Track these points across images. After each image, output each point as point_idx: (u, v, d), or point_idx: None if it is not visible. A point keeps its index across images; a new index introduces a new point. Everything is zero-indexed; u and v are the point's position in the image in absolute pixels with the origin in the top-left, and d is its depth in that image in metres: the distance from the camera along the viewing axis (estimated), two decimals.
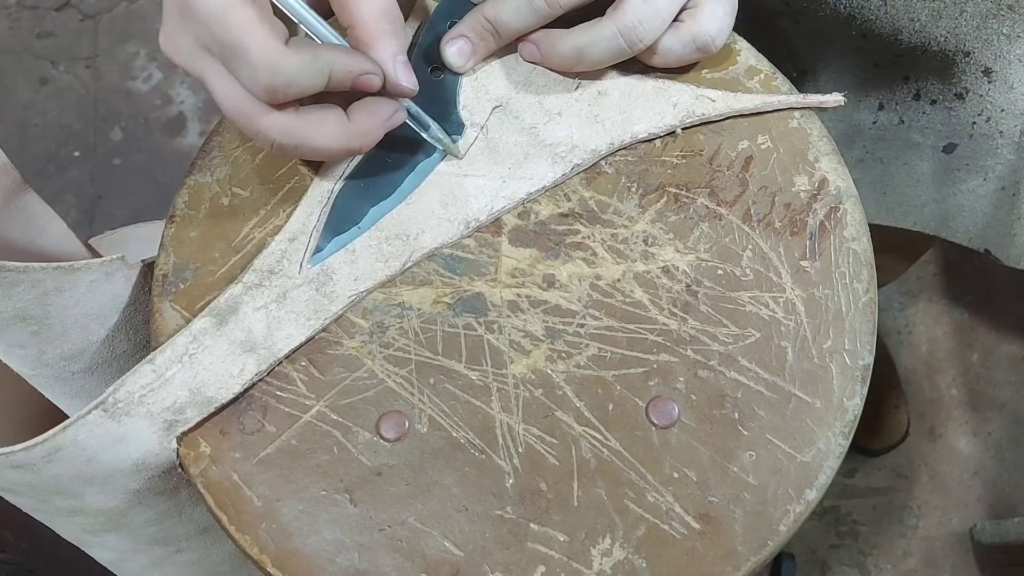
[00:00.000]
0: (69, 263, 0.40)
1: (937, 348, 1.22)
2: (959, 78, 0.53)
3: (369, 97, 0.40)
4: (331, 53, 0.37)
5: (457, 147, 0.44)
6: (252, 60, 0.35)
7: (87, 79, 1.45)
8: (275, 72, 0.35)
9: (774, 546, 0.38)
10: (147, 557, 0.49)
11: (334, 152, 0.39)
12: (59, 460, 0.39)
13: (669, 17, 0.42)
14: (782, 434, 0.39)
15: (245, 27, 0.35)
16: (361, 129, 0.39)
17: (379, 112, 0.40)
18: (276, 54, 0.35)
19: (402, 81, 0.40)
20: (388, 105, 0.40)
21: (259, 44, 0.35)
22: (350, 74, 0.38)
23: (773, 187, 0.43)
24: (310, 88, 0.37)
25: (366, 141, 0.40)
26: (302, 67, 0.36)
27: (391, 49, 0.39)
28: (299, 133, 0.38)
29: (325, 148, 0.39)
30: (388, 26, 0.39)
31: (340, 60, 0.37)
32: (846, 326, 0.41)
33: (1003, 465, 1.15)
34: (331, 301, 0.41)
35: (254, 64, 0.35)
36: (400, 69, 0.39)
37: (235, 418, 0.40)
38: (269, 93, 0.36)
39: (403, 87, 0.40)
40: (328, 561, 0.38)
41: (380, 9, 0.39)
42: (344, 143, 0.39)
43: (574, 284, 0.42)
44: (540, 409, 0.40)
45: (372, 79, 0.39)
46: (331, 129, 0.38)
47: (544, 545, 0.38)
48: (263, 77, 0.35)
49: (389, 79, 0.39)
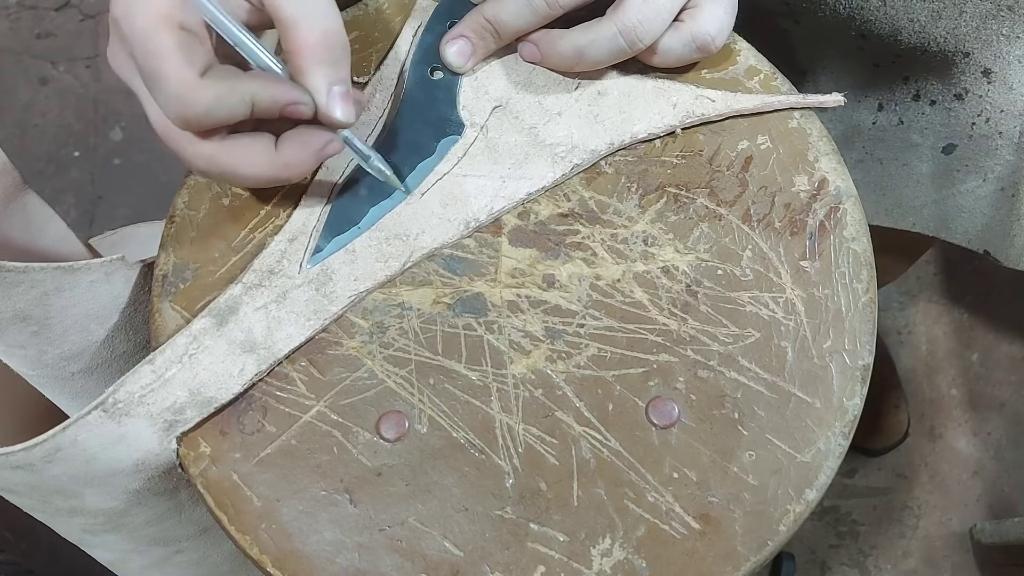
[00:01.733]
0: (69, 263, 0.40)
1: (937, 348, 1.22)
2: (958, 79, 0.53)
3: (302, 126, 0.39)
4: (254, 82, 0.36)
5: (399, 181, 0.43)
6: (165, 90, 0.35)
7: (87, 79, 1.45)
8: (186, 104, 0.35)
9: (774, 546, 0.38)
10: (147, 557, 0.49)
11: (260, 181, 0.39)
12: (59, 460, 0.39)
13: (669, 17, 0.42)
14: (782, 434, 0.39)
15: (162, 55, 0.35)
16: (288, 159, 0.38)
17: (309, 143, 0.38)
18: (189, 86, 0.35)
19: (335, 113, 0.38)
20: (319, 136, 0.39)
21: (173, 74, 0.35)
22: (276, 103, 0.37)
23: (773, 187, 0.43)
24: (229, 118, 0.36)
25: (294, 171, 0.39)
26: (217, 99, 0.35)
27: (326, 78, 0.37)
28: (222, 162, 0.37)
29: (250, 177, 0.38)
30: (325, 54, 0.37)
31: (264, 90, 0.36)
32: (846, 326, 0.41)
33: (1003, 465, 1.15)
34: (331, 301, 0.41)
35: (167, 94, 0.35)
36: (334, 99, 0.38)
37: (235, 418, 0.40)
38: (184, 123, 0.36)
39: (334, 118, 0.38)
40: (328, 561, 0.38)
41: (320, 35, 0.37)
42: (270, 173, 0.38)
43: (574, 284, 0.42)
44: (540, 409, 0.40)
45: (301, 108, 0.37)
46: (256, 159, 0.38)
47: (544, 545, 0.38)
48: (175, 108, 0.35)
49: (320, 109, 0.38)
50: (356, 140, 0.41)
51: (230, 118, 0.36)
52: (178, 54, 0.35)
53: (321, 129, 0.39)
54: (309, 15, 0.37)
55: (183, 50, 0.35)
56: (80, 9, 1.51)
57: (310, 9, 0.37)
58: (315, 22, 0.37)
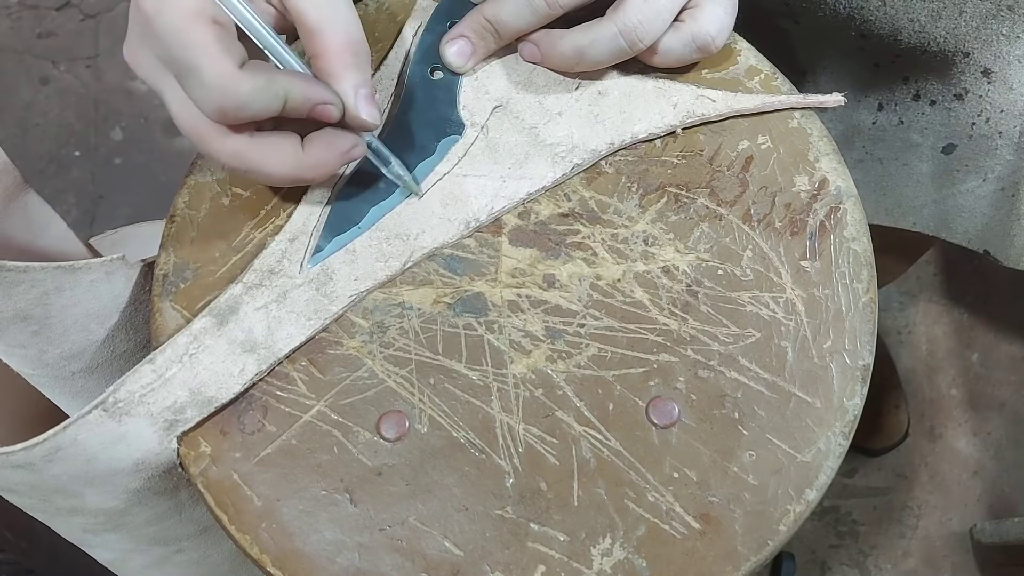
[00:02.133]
0: (69, 263, 0.40)
1: (937, 348, 1.22)
2: (958, 79, 0.53)
3: (328, 128, 0.39)
4: (289, 79, 0.37)
5: (418, 186, 0.43)
6: (205, 81, 0.35)
7: (88, 79, 1.45)
8: (226, 94, 0.35)
9: (774, 546, 0.38)
10: (147, 557, 0.49)
11: (285, 180, 0.39)
12: (59, 460, 0.39)
13: (670, 17, 0.42)
14: (782, 434, 0.39)
15: (200, 47, 0.35)
16: (314, 160, 0.39)
17: (335, 144, 0.39)
18: (229, 77, 0.35)
19: (363, 114, 0.39)
20: (346, 138, 0.39)
21: (212, 65, 0.35)
22: (308, 102, 0.37)
23: (773, 187, 0.44)
24: (263, 112, 0.36)
25: (319, 172, 0.39)
26: (255, 91, 0.35)
27: (354, 81, 0.38)
28: (249, 158, 0.38)
29: (276, 175, 0.38)
30: (351, 58, 0.38)
31: (297, 87, 0.37)
32: (846, 326, 0.41)
33: (1003, 465, 1.15)
34: (331, 301, 0.41)
35: (206, 85, 0.35)
36: (361, 102, 0.39)
37: (235, 418, 0.40)
38: (220, 115, 0.36)
39: (363, 120, 0.39)
40: (328, 561, 0.38)
41: (345, 40, 0.38)
42: (296, 172, 0.39)
43: (574, 284, 0.42)
44: (540, 409, 0.40)
45: (330, 109, 0.38)
46: (283, 157, 0.38)
47: (544, 545, 0.38)
48: (214, 98, 0.35)
49: (349, 111, 0.39)
50: (381, 145, 0.41)
51: (265, 112, 0.36)
52: (217, 45, 0.35)
53: (347, 132, 0.39)
54: (335, 20, 0.38)
55: (221, 42, 0.35)
56: (81, 9, 1.51)
57: (335, 15, 0.38)
58: (340, 27, 0.38)
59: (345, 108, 0.38)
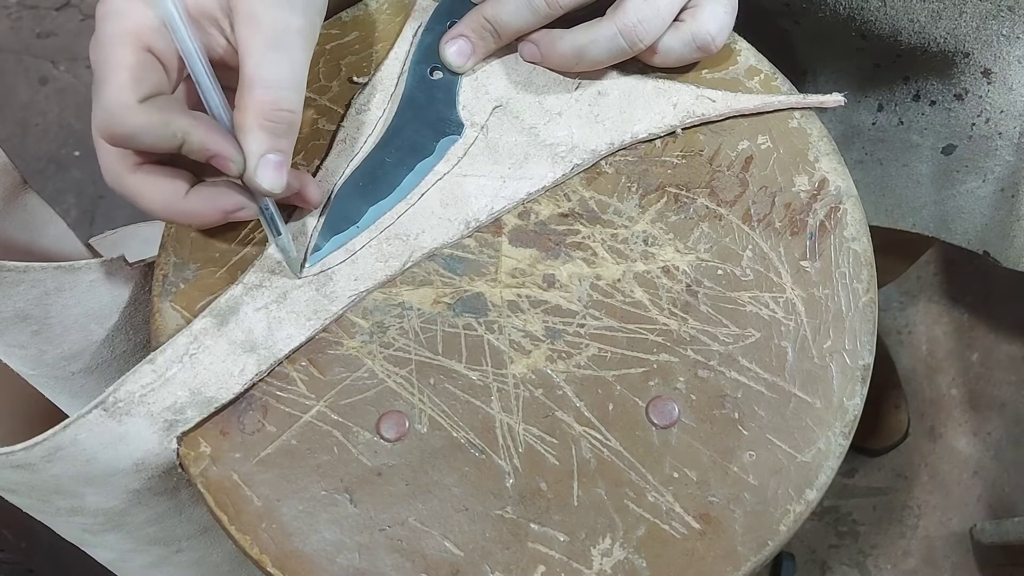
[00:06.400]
0: (69, 263, 0.40)
1: (937, 348, 1.22)
2: (958, 79, 0.53)
3: (223, 181, 0.39)
4: (190, 123, 0.36)
5: (297, 265, 0.41)
6: (101, 102, 0.35)
7: (88, 79, 1.45)
8: (115, 122, 0.35)
9: (774, 546, 0.38)
10: (147, 557, 0.49)
11: (159, 217, 0.38)
12: (59, 460, 0.39)
13: (669, 17, 0.42)
14: (782, 434, 0.39)
15: (111, 68, 0.35)
16: (191, 209, 0.38)
17: (217, 201, 0.38)
18: (123, 106, 0.35)
19: (259, 179, 0.37)
20: (230, 198, 0.38)
21: (113, 90, 0.35)
22: (205, 150, 0.36)
23: (773, 187, 0.43)
24: (155, 148, 0.36)
25: (195, 221, 0.39)
26: (145, 127, 0.35)
27: (261, 143, 0.37)
28: (127, 185, 0.37)
29: (149, 210, 0.38)
30: (268, 123, 0.37)
31: (197, 134, 0.36)
32: (846, 326, 0.41)
33: (1003, 465, 1.15)
34: (331, 301, 0.41)
35: (101, 106, 0.35)
36: (264, 167, 0.37)
37: (235, 418, 0.40)
38: (110, 138, 0.35)
39: (258, 184, 0.37)
40: (328, 561, 0.38)
41: (269, 101, 0.36)
42: (169, 215, 0.38)
43: (574, 284, 0.42)
44: (540, 409, 0.40)
45: (228, 164, 0.37)
46: (160, 196, 0.37)
47: (544, 545, 0.38)
48: (105, 121, 0.35)
49: (247, 172, 0.37)
50: (277, 215, 0.40)
51: (156, 148, 0.36)
52: (125, 72, 0.35)
53: (238, 192, 0.39)
54: (269, 80, 0.36)
55: (133, 70, 0.35)
56: (80, 9, 1.51)
57: (272, 75, 0.36)
58: (271, 87, 0.36)
59: (245, 168, 0.37)
